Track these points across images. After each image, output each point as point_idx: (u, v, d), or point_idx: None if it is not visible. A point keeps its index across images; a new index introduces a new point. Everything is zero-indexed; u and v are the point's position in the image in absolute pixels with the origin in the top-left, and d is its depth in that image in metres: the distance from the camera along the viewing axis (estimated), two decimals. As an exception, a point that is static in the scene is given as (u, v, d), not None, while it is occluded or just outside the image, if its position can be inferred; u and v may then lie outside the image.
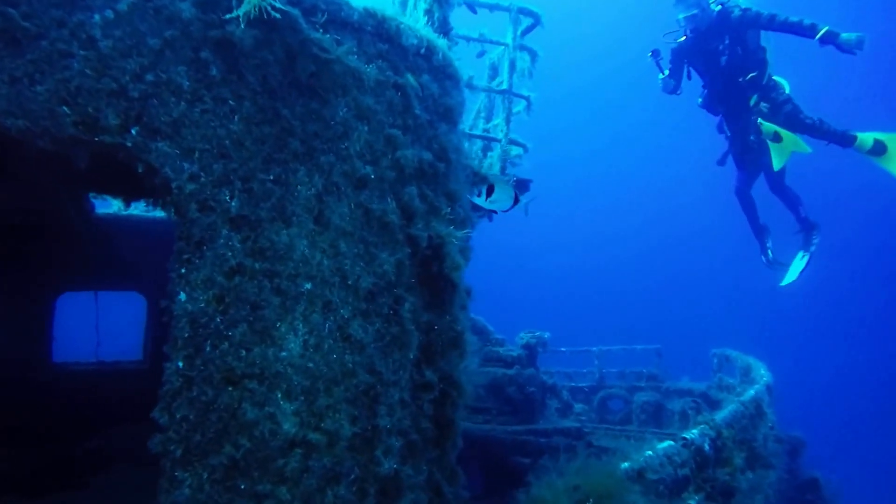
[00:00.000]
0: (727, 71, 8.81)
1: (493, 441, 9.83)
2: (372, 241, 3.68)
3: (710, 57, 8.90)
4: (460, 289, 4.06)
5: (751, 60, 8.83)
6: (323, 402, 3.34)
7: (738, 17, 8.60)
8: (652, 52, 9.02)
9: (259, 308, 3.21)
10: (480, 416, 10.33)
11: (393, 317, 3.73)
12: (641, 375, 12.79)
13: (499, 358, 10.67)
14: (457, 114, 4.51)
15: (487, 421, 10.28)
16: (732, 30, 8.71)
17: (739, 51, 8.79)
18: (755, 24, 8.55)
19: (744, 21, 8.58)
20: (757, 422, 8.42)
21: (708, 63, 8.95)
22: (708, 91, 9.24)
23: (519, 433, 10.00)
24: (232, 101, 3.25)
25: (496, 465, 9.55)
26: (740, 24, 8.62)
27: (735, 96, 9.00)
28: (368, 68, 3.69)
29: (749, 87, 8.85)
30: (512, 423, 10.22)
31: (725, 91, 9.04)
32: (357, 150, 3.69)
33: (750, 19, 8.57)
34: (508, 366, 10.57)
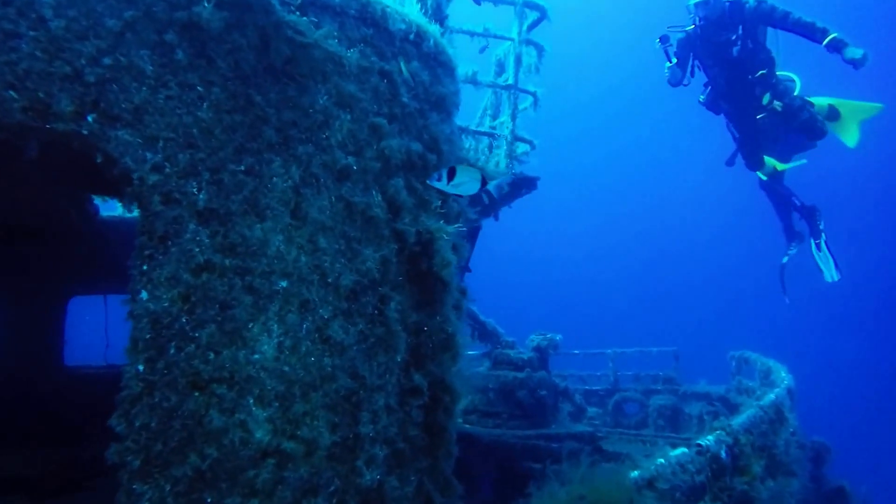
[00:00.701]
0: (736, 65, 8.36)
1: (503, 446, 9.53)
2: (354, 237, 3.44)
3: (720, 49, 8.45)
4: (452, 287, 3.80)
5: (760, 57, 8.41)
6: (299, 409, 3.10)
7: (752, 9, 8.19)
8: (660, 38, 8.55)
9: (229, 307, 2.98)
10: (490, 421, 10.03)
11: (378, 317, 3.48)
12: (657, 378, 12.40)
13: (509, 361, 10.36)
14: (450, 103, 4.26)
15: (498, 425, 9.98)
16: (745, 22, 8.30)
17: (750, 45, 8.35)
18: (769, 18, 8.15)
19: (757, 14, 8.17)
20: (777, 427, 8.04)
21: (716, 56, 8.51)
22: (712, 87, 8.80)
23: (530, 438, 9.69)
24: (200, 87, 3.03)
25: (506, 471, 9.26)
26: (753, 16, 8.22)
27: (742, 93, 8.59)
28: (349, 53, 3.45)
29: (758, 84, 8.45)
30: (523, 428, 9.91)
31: (731, 88, 8.61)
32: (339, 140, 3.45)
33: (764, 13, 8.16)
34: (519, 369, 10.25)
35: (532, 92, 8.11)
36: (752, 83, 8.47)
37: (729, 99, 8.78)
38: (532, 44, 7.99)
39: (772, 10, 8.14)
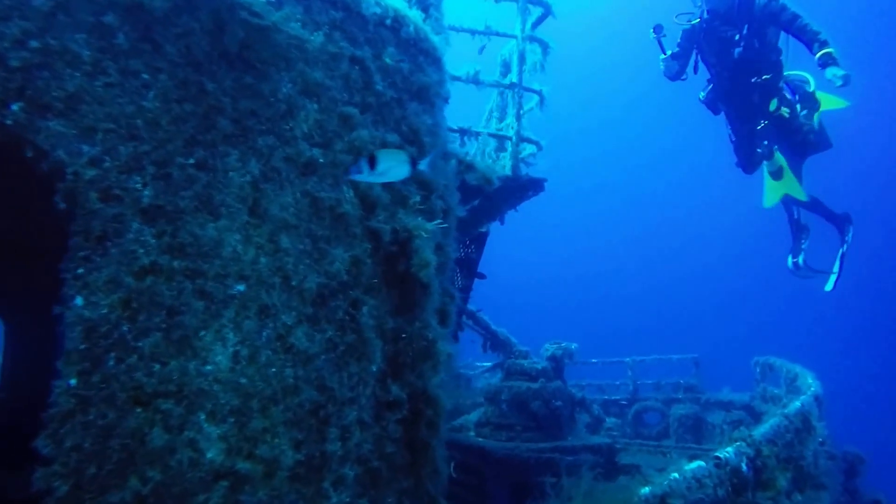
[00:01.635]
0: (739, 65, 7.86)
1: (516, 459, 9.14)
2: (322, 236, 3.14)
3: (724, 46, 7.94)
4: (432, 290, 3.47)
5: (766, 60, 7.92)
6: (257, 425, 2.79)
7: (761, 6, 7.69)
8: (654, 28, 7.96)
9: (178, 314, 2.69)
10: (504, 434, 9.63)
11: (349, 323, 3.17)
12: (678, 387, 11.91)
13: (523, 371, 9.96)
14: (433, 93, 3.95)
15: (511, 438, 9.57)
16: (752, 20, 7.78)
17: (756, 44, 7.83)
18: (777, 18, 7.66)
19: (766, 13, 7.65)
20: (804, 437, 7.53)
21: (720, 53, 8.01)
22: (714, 86, 8.32)
23: (544, 450, 9.28)
24: (146, 74, 2.76)
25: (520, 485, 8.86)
26: (762, 14, 7.74)
27: (743, 97, 8.12)
28: (315, 38, 3.16)
29: (759, 89, 7.96)
30: (537, 440, 9.49)
31: (733, 89, 8.14)
32: (304, 132, 3.16)
33: (772, 13, 7.66)
34: (533, 379, 9.85)
35: (538, 91, 7.78)
36: (753, 87, 8.00)
37: (729, 101, 8.32)
38: (536, 41, 7.67)
39: (781, 11, 7.66)
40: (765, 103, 8.01)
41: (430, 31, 4.00)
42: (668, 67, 8.18)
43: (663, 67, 8.20)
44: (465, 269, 8.94)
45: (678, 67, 8.22)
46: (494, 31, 7.51)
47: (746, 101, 8.12)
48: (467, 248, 8.72)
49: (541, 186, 7.71)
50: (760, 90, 7.96)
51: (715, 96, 8.36)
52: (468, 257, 8.76)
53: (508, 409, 9.78)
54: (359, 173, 2.65)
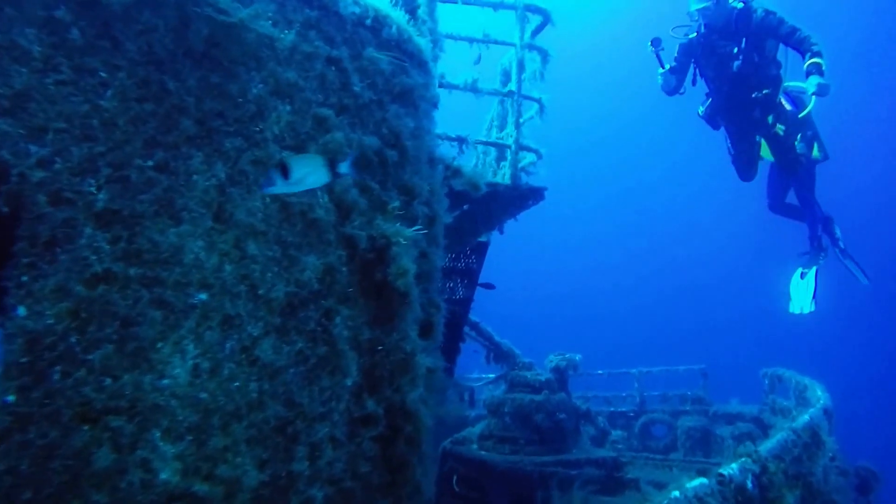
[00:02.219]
0: (738, 79, 7.57)
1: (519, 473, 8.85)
2: (293, 242, 2.93)
3: (722, 60, 7.66)
4: (411, 299, 3.25)
5: (766, 74, 7.64)
6: (218, 443, 2.57)
7: (760, 20, 7.39)
8: (652, 41, 7.66)
9: (132, 324, 2.49)
10: (507, 447, 9.35)
11: (321, 334, 2.96)
12: (686, 398, 11.55)
13: (526, 383, 9.68)
14: (418, 96, 3.75)
15: (514, 451, 9.28)
16: (750, 34, 7.51)
17: (755, 58, 7.56)
18: (775, 31, 7.36)
19: (764, 26, 7.37)
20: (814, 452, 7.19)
21: (718, 67, 7.73)
22: (713, 101, 8.01)
23: (548, 464, 8.98)
24: (103, 72, 2.58)
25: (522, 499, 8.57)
26: (761, 28, 7.42)
27: (743, 112, 7.83)
28: (284, 35, 2.98)
29: (759, 105, 7.67)
30: (541, 454, 9.20)
31: (732, 104, 7.82)
32: (275, 134, 2.97)
33: (770, 26, 7.34)
34: (536, 391, 9.56)
35: (537, 99, 7.58)
36: (753, 102, 7.73)
37: (728, 116, 8.05)
38: (535, 49, 7.47)
39: (779, 24, 7.38)
40: (765, 118, 7.75)
41: (415, 33, 3.81)
42: (667, 82, 7.88)
43: (661, 82, 7.90)
44: (467, 280, 8.70)
45: (676, 82, 7.93)
46: (493, 40, 7.33)
47: (747, 116, 7.85)
48: (468, 258, 8.49)
49: (541, 195, 7.49)
50: (761, 105, 7.70)
51: (714, 111, 8.10)
52: (469, 268, 8.53)
53: (511, 422, 9.50)
54: (271, 185, 2.41)
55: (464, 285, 8.64)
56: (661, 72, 7.82)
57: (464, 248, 7.96)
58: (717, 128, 8.19)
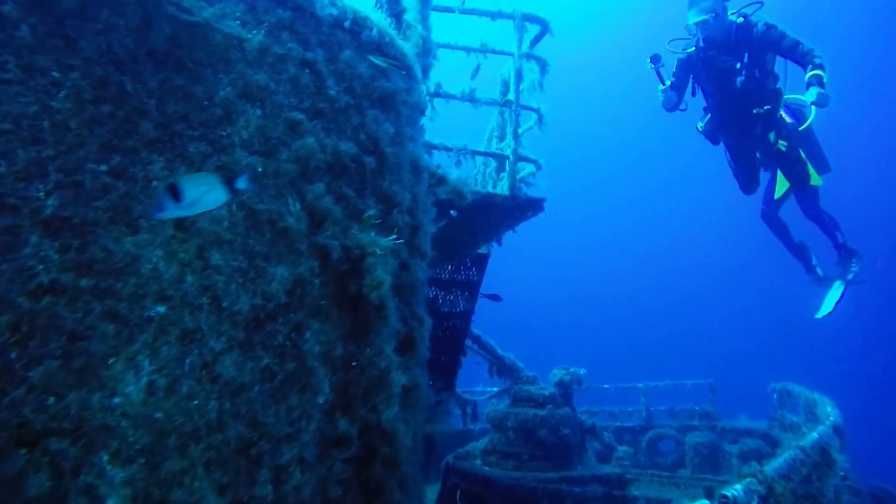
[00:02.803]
0: (740, 96, 7.29)
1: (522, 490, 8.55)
2: (260, 252, 2.74)
3: (723, 76, 7.37)
4: (387, 313, 3.04)
5: (766, 89, 7.36)
6: (173, 466, 2.37)
7: (761, 34, 7.11)
8: (651, 57, 7.34)
9: (81, 339, 2.30)
10: (510, 462, 9.06)
11: (290, 349, 2.75)
12: (693, 413, 11.21)
13: (530, 397, 9.40)
14: (399, 101, 3.56)
15: (518, 467, 8.99)
16: (752, 49, 7.22)
17: (757, 74, 7.28)
18: (777, 46, 7.06)
19: (766, 40, 7.10)
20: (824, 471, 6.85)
21: (719, 83, 7.45)
22: (713, 116, 7.73)
23: (552, 481, 8.68)
24: (55, 71, 2.42)
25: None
26: (762, 42, 7.14)
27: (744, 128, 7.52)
28: (252, 36, 2.81)
29: (761, 121, 7.37)
30: (545, 470, 8.90)
31: (733, 120, 7.55)
32: (244, 139, 2.79)
33: (772, 40, 7.07)
34: (540, 406, 9.27)
35: (535, 108, 7.39)
36: (754, 118, 7.46)
37: (729, 132, 7.79)
38: (534, 58, 7.30)
39: (781, 38, 7.08)
40: (766, 134, 7.49)
41: (397, 36, 3.63)
42: (667, 99, 7.56)
43: (662, 99, 7.59)
44: (467, 293, 8.48)
45: (676, 99, 7.63)
46: (490, 49, 7.16)
47: (747, 132, 7.58)
48: (468, 270, 8.27)
49: (540, 206, 7.28)
50: (762, 121, 7.44)
51: (713, 127, 7.84)
52: (469, 280, 8.31)
53: (515, 437, 9.21)
54: (161, 210, 2.19)
55: (464, 298, 8.42)
56: (662, 89, 7.51)
57: (462, 259, 7.75)
58: (716, 143, 7.93)
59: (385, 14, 3.94)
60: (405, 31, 3.93)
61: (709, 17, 7.18)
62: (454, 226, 6.96)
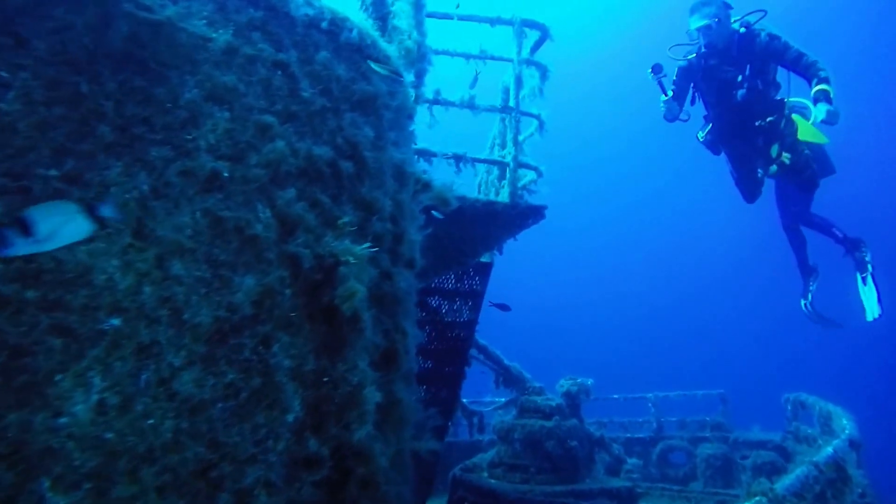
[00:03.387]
0: (742, 108, 7.03)
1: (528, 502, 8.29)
2: (226, 261, 2.56)
3: (725, 87, 7.11)
4: (362, 325, 2.85)
5: (769, 100, 7.09)
6: (123, 491, 2.18)
7: (764, 45, 6.84)
8: (652, 67, 7.01)
9: (24, 354, 2.13)
10: (517, 475, 8.80)
11: (256, 364, 2.56)
12: (705, 424, 10.85)
13: (536, 408, 9.14)
14: (381, 105, 3.39)
15: (525, 480, 8.72)
16: (754, 60, 6.94)
17: (759, 85, 7.02)
18: (781, 57, 6.76)
19: (769, 51, 6.84)
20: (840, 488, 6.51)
21: (720, 94, 7.18)
22: (714, 126, 7.44)
23: (559, 494, 8.40)
24: (3, 71, 2.27)
25: (532, 531, 8.00)
26: (765, 53, 6.87)
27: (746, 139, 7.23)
28: (218, 36, 2.65)
29: (763, 133, 7.09)
30: (552, 483, 8.62)
31: (735, 131, 7.28)
32: (210, 143, 2.62)
33: (776, 51, 6.80)
34: (547, 417, 9.01)
35: (536, 115, 7.19)
36: (757, 130, 7.17)
37: (730, 143, 7.51)
38: (534, 64, 7.11)
39: (784, 50, 6.78)
40: (768, 147, 7.20)
41: (380, 37, 3.46)
42: (669, 110, 7.22)
43: (664, 109, 7.24)
44: (471, 302, 8.27)
45: (678, 110, 7.31)
46: (489, 55, 6.99)
47: (750, 144, 7.31)
48: (471, 279, 8.06)
49: (541, 214, 7.06)
50: (765, 133, 7.16)
51: (714, 137, 7.56)
52: (473, 289, 8.10)
53: (522, 449, 8.95)
54: (8, 247, 1.96)
55: (468, 308, 8.20)
56: (664, 99, 7.18)
57: (463, 268, 7.55)
58: (718, 153, 7.66)
59: (370, 16, 3.78)
60: (391, 34, 3.77)
61: (711, 22, 6.93)
62: (454, 234, 6.76)
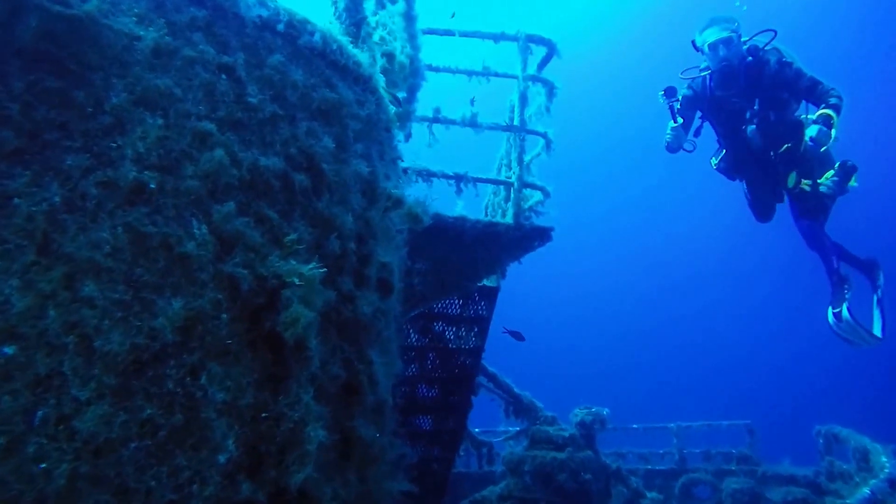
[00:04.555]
0: (755, 141, 6.56)
1: (539, 540, 7.76)
2: (150, 283, 2.25)
3: (734, 119, 6.63)
4: (307, 355, 2.49)
5: (784, 124, 6.55)
6: (3, 548, 1.86)
7: (774, 72, 6.34)
8: (665, 91, 6.49)
9: None
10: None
11: (181, 398, 2.23)
12: (731, 457, 10.19)
13: (548, 439, 8.65)
14: (347, 114, 3.08)
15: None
16: (765, 90, 6.41)
17: (771, 117, 6.52)
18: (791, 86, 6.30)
19: (780, 80, 6.33)
20: (878, 533, 5.89)
21: (730, 125, 6.71)
22: (727, 154, 6.94)
23: (572, 530, 7.86)
24: None
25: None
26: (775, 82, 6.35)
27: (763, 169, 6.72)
28: (145, 34, 2.38)
29: (782, 161, 6.56)
30: (565, 518, 8.10)
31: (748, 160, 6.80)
32: (138, 151, 2.33)
33: (787, 80, 6.30)
34: (559, 448, 8.52)
35: (542, 133, 6.85)
36: (776, 159, 6.65)
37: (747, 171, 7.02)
38: (540, 81, 6.79)
39: (796, 78, 6.29)
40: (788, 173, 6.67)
41: (348, 43, 3.17)
42: (677, 138, 6.66)
43: (670, 137, 6.66)
44: (477, 328, 7.88)
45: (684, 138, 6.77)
46: (493, 72, 6.69)
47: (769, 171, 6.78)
48: (477, 304, 7.68)
49: (548, 236, 6.67)
50: (783, 160, 6.64)
51: (729, 165, 7.05)
52: (478, 315, 7.71)
53: (532, 482, 8.44)
54: None
55: (474, 334, 7.80)
56: (673, 126, 6.61)
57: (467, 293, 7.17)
58: (734, 179, 7.17)
59: (343, 22, 3.51)
60: (365, 40, 3.48)
61: (733, 35, 6.48)
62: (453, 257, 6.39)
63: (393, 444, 3.27)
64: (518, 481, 8.47)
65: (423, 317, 7.70)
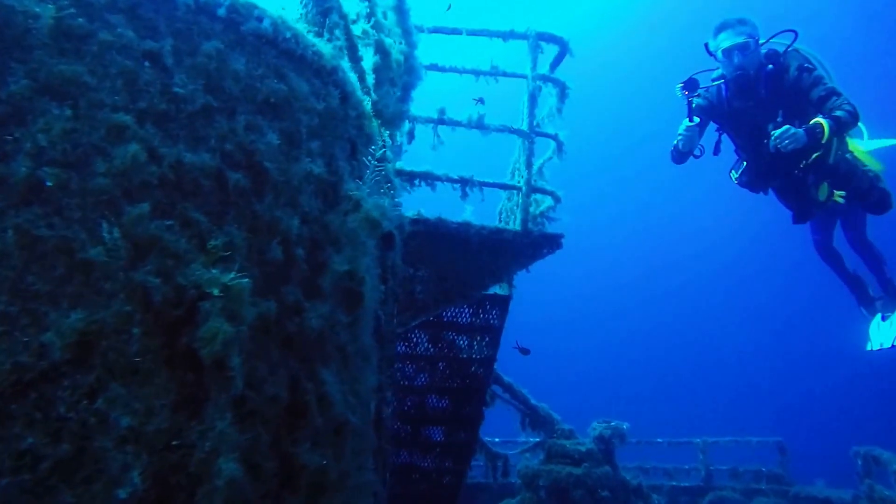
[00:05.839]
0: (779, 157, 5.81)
1: (553, 560, 7.26)
2: (42, 292, 1.93)
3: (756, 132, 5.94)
4: (226, 376, 2.14)
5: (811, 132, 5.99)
6: None
7: (793, 80, 5.71)
8: (685, 83, 5.80)
9: None
10: (542, 526, 7.80)
11: (73, 424, 1.90)
12: (760, 475, 9.45)
13: (565, 453, 8.14)
14: (299, 108, 2.73)
15: (551, 531, 7.72)
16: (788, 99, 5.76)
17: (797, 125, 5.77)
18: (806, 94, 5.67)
19: (797, 87, 5.70)
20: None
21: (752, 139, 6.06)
22: (749, 166, 6.26)
23: (587, 550, 7.33)
24: None
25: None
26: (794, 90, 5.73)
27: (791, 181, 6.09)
28: (47, 15, 2.08)
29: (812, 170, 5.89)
30: (581, 537, 7.57)
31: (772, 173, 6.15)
32: (39, 145, 2.03)
33: (802, 87, 5.67)
34: (576, 463, 8.00)
35: (552, 135, 6.42)
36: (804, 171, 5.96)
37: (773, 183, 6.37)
38: (551, 80, 6.35)
39: (811, 87, 5.64)
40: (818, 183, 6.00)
41: (305, 32, 2.83)
42: (689, 140, 5.97)
43: (681, 139, 5.97)
44: (489, 337, 7.46)
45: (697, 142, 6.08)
46: (502, 72, 6.30)
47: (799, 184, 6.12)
48: (488, 313, 7.27)
49: (558, 243, 6.22)
50: (812, 171, 5.97)
51: (751, 178, 6.39)
52: (489, 324, 7.30)
53: (547, 498, 7.94)
54: None
55: (485, 343, 7.39)
56: (688, 125, 5.91)
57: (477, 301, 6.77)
58: (758, 192, 6.51)
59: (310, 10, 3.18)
60: (330, 30, 3.14)
61: (749, 40, 5.81)
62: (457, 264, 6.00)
63: (362, 468, 2.90)
64: (532, 496, 7.99)
65: (433, 325, 7.32)
